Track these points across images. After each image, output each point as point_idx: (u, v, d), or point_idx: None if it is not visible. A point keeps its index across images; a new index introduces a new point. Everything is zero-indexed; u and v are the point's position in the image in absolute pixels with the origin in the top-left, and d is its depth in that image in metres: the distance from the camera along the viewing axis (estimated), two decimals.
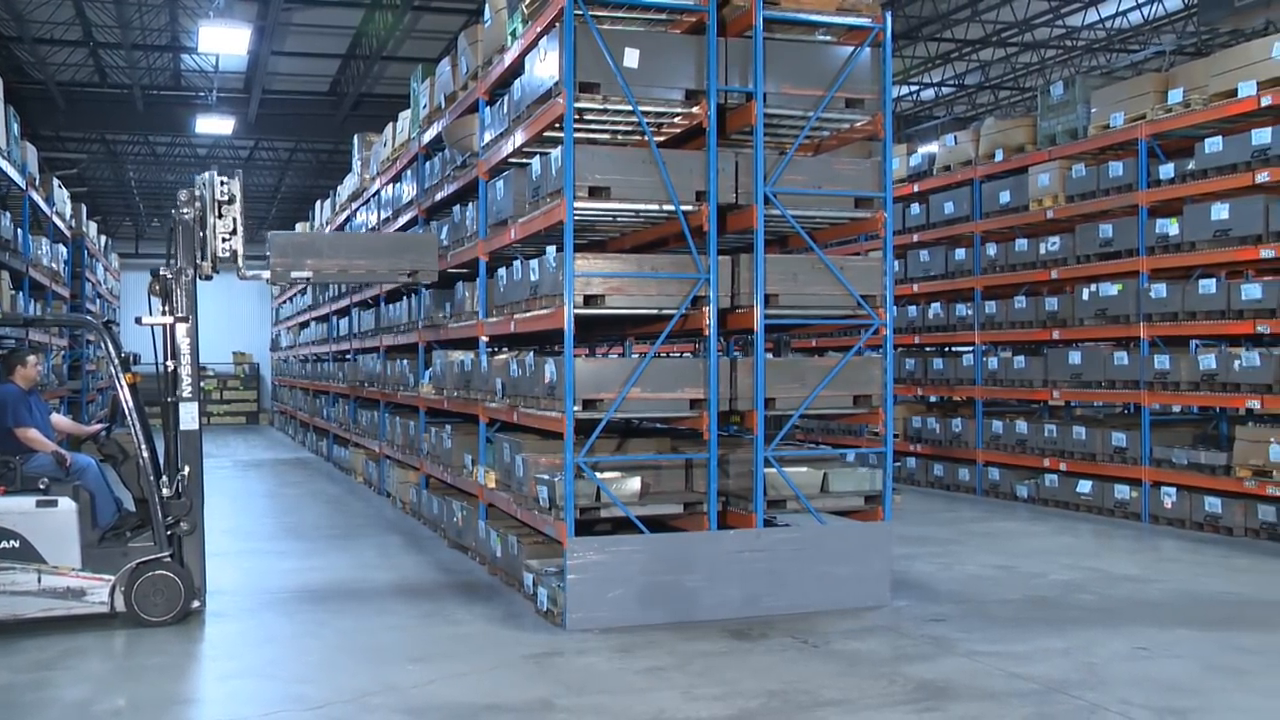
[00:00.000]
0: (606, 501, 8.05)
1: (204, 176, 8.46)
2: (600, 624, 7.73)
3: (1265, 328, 11.14)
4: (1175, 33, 22.75)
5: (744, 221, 8.40)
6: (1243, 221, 11.36)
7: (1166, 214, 12.42)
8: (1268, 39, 11.49)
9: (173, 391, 8.17)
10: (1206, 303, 11.77)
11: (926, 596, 8.80)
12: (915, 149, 17.35)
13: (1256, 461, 11.12)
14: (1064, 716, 5.93)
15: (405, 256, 9.01)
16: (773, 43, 8.42)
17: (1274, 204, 11.11)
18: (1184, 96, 12.21)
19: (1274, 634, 7.67)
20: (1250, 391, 11.26)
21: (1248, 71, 11.37)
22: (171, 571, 7.98)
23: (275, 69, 22.58)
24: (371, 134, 16.99)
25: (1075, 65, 24.98)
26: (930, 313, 16.29)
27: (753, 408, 8.27)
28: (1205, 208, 11.79)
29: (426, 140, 12.63)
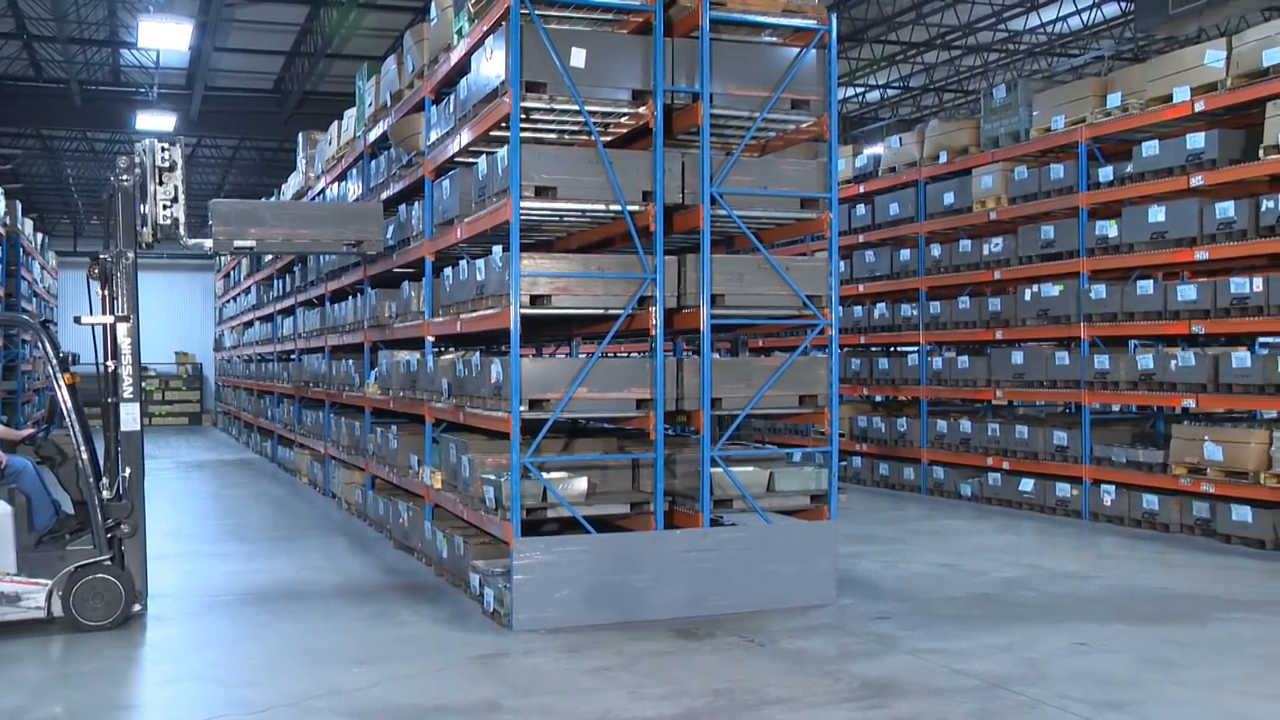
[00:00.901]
0: (553, 501, 8.04)
1: (144, 144, 8.33)
2: (547, 624, 7.72)
3: (1200, 328, 11.36)
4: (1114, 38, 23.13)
5: (690, 222, 8.42)
6: (1178, 224, 11.57)
7: (1106, 216, 12.62)
8: (1200, 46, 11.71)
9: (114, 392, 8.04)
10: (1144, 303, 11.97)
11: (872, 595, 8.87)
12: (861, 150, 17.49)
13: (1191, 459, 11.32)
14: (1005, 712, 6.00)
15: (350, 226, 8.91)
16: (719, 43, 8.45)
17: (1208, 207, 11.32)
18: (1122, 101, 12.41)
19: (1206, 628, 7.82)
20: (1186, 391, 11.47)
21: (1182, 77, 11.58)
22: (112, 575, 7.85)
23: (218, 65, 22.32)
24: (316, 132, 16.83)
25: (1017, 69, 25.32)
26: (876, 313, 16.43)
27: (699, 407, 8.29)
28: (1143, 210, 11.99)
29: (372, 139, 12.54)
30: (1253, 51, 10.90)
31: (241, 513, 14.21)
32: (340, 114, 14.51)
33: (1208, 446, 11.15)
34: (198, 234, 8.66)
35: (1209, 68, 11.31)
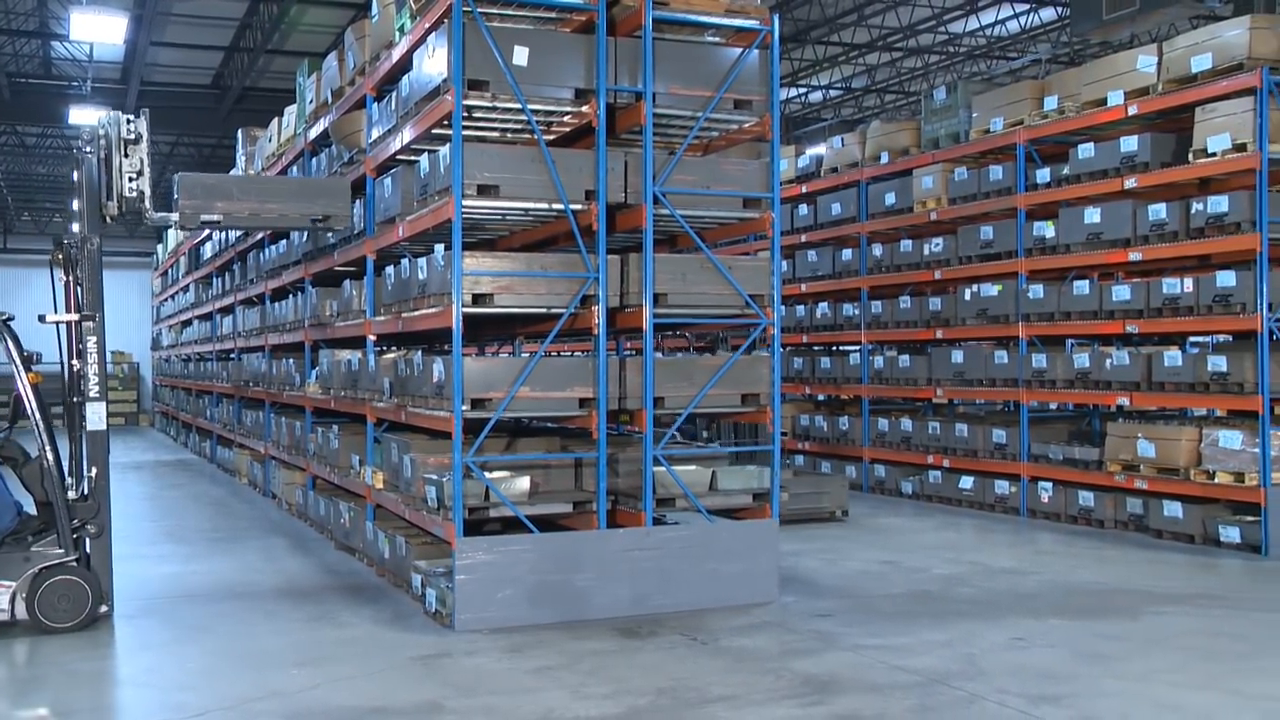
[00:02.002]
0: (495, 501, 8.02)
1: (107, 115, 8.19)
2: (490, 624, 7.69)
3: (1134, 328, 11.57)
4: (1050, 42, 23.47)
5: (633, 221, 8.43)
6: (1113, 225, 11.77)
7: (1043, 217, 12.80)
8: (1133, 51, 11.92)
9: (79, 391, 7.93)
10: (1080, 303, 12.16)
11: (813, 592, 8.93)
12: (803, 150, 17.61)
13: (1126, 456, 11.53)
14: (944, 707, 6.07)
15: (317, 201, 8.81)
16: (662, 43, 8.47)
17: (1141, 209, 11.53)
18: (1059, 104, 12.60)
19: (1138, 621, 7.96)
20: (1120, 389, 11.68)
21: (1116, 81, 11.77)
22: (78, 576, 7.74)
23: (155, 60, 21.97)
24: (256, 129, 16.63)
25: (957, 71, 25.61)
26: (818, 312, 16.54)
27: (642, 406, 8.31)
28: (1079, 211, 12.18)
29: (313, 136, 12.42)
30: (1182, 58, 11.12)
31: (179, 514, 14.02)
32: (281, 110, 14.35)
33: (1141, 444, 11.36)
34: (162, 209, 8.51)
35: (1141, 72, 11.52)
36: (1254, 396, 10.36)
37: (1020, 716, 5.89)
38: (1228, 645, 7.33)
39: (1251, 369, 10.47)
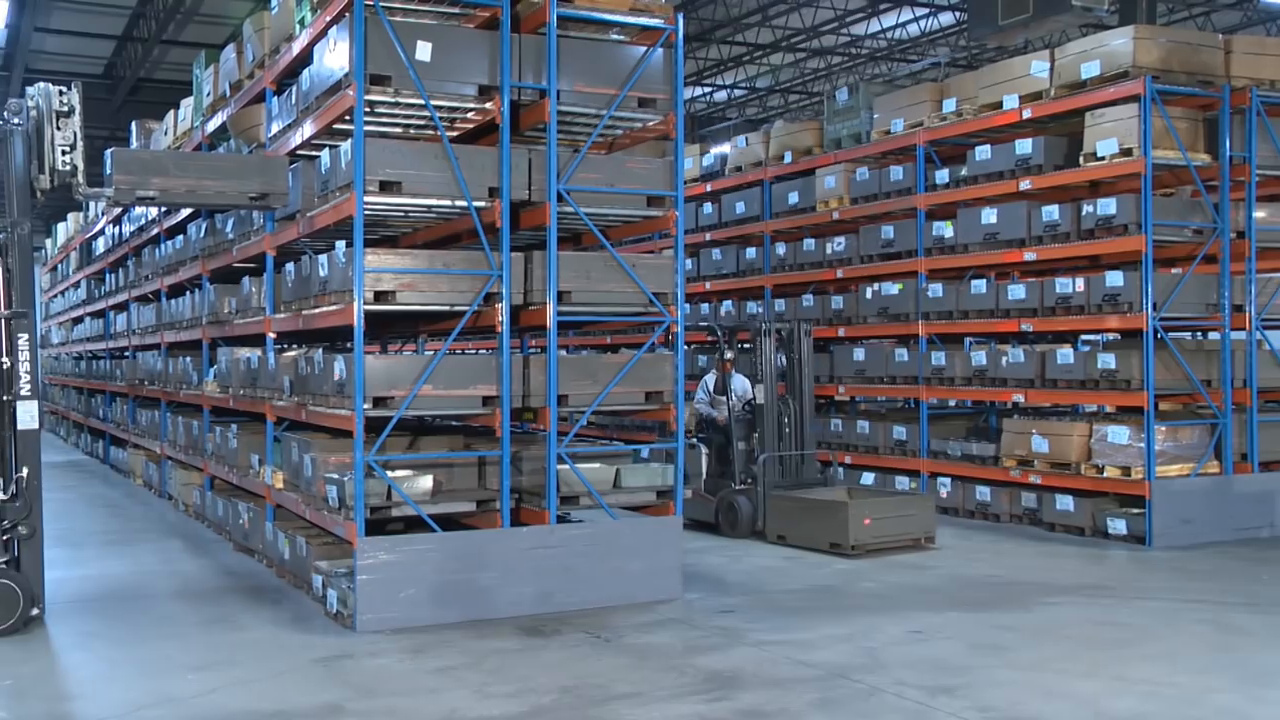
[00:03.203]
0: (398, 500, 7.94)
1: (36, 87, 7.91)
2: (392, 625, 7.62)
3: (1028, 326, 11.87)
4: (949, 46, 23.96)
5: (537, 218, 8.42)
6: (1009, 226, 12.05)
7: (942, 217, 13.05)
8: (1027, 56, 12.22)
9: (9, 389, 7.66)
10: (978, 302, 12.43)
11: (717, 589, 9.01)
12: (708, 149, 17.71)
13: (1020, 452, 11.82)
14: (845, 700, 6.17)
15: (255, 179, 8.61)
16: (567, 40, 8.46)
17: (1035, 210, 11.82)
18: (957, 106, 12.86)
19: (1031, 612, 8.18)
20: (1016, 386, 11.97)
21: (1011, 85, 12.06)
22: (9, 579, 7.52)
23: (41, 47, 21.32)
24: (151, 121, 16.22)
25: (859, 72, 26.00)
26: (722, 310, 16.66)
27: (546, 404, 8.29)
28: (976, 212, 12.45)
29: (211, 130, 12.15)
30: (1073, 64, 11.43)
31: (70, 516, 13.61)
32: (177, 103, 14.02)
33: (1035, 439, 11.66)
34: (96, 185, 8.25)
35: (1035, 77, 11.81)
36: (1140, 393, 10.69)
37: (917, 708, 6.01)
38: (1113, 634, 7.56)
39: (1138, 366, 10.80)
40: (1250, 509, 11.15)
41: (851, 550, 10.18)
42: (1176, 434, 10.96)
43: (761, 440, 11.42)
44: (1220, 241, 11.19)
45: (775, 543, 10.86)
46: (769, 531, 11.02)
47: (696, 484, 11.17)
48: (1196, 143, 11.21)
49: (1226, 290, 11.22)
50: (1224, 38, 11.69)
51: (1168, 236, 11.05)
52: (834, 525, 10.39)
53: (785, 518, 10.97)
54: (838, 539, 10.30)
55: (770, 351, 11.33)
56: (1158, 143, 10.76)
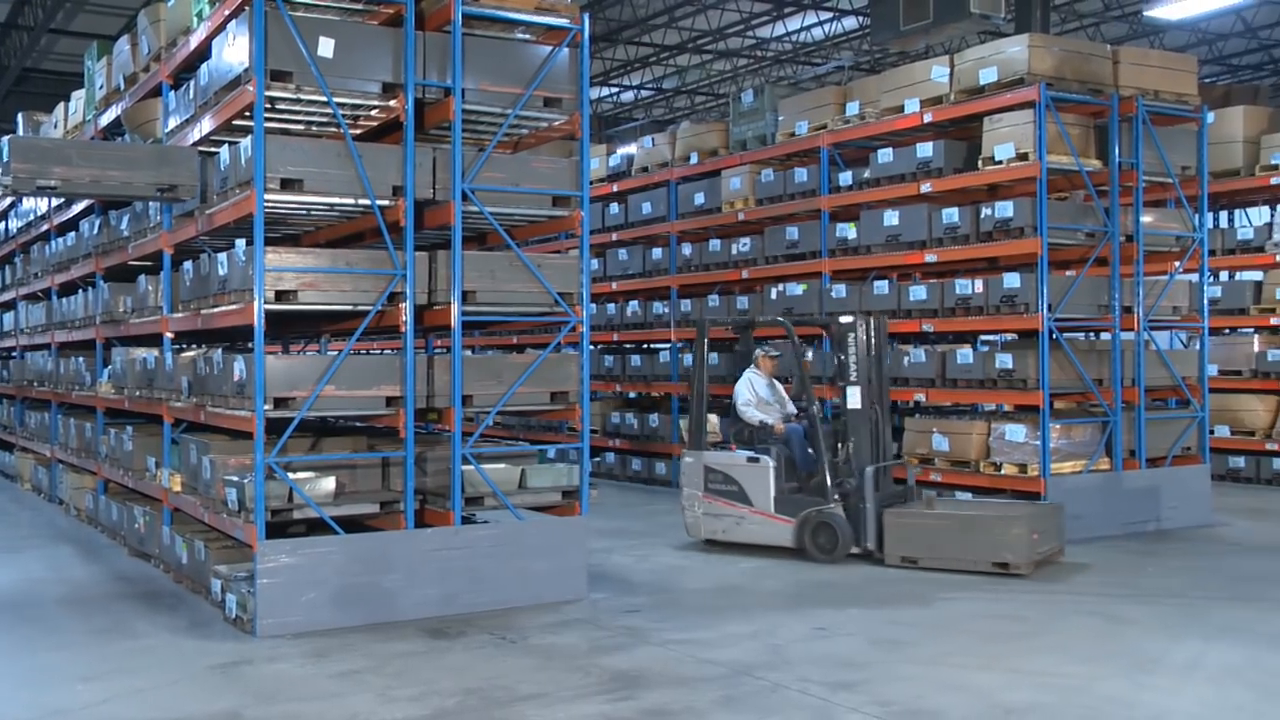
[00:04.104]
0: (300, 502, 7.82)
1: None
2: (293, 629, 7.50)
3: (929, 326, 12.09)
4: (853, 50, 24.30)
5: (442, 218, 8.35)
6: (910, 228, 12.27)
7: (846, 219, 13.23)
8: (928, 61, 12.45)
9: None
10: (880, 303, 12.62)
11: (623, 588, 9.02)
12: (615, 150, 17.74)
13: (922, 450, 12.04)
14: (749, 697, 6.23)
15: (164, 170, 8.37)
16: (472, 39, 8.40)
17: (936, 213, 12.06)
18: (860, 109, 13.05)
19: (930, 608, 8.33)
20: (918, 385, 12.18)
21: (913, 90, 12.28)
22: None
23: None
24: (39, 113, 15.72)
25: (765, 75, 26.24)
26: (628, 310, 16.69)
27: (450, 405, 8.23)
28: (879, 214, 12.65)
29: (104, 123, 11.83)
30: (971, 70, 11.68)
31: None
32: (67, 95, 13.62)
33: (936, 438, 11.88)
34: None
35: (935, 82, 12.04)
36: (1036, 392, 10.96)
37: (820, 703, 6.09)
38: (1009, 627, 7.75)
39: (1034, 366, 11.06)
40: (1138, 504, 11.50)
41: (1020, 570, 9.16)
42: (1070, 432, 11.26)
43: (857, 450, 9.94)
44: (1111, 245, 11.52)
45: (901, 566, 9.52)
46: (888, 554, 9.62)
47: (763, 503, 10.13)
48: (1088, 149, 11.53)
49: (1116, 292, 11.56)
50: (1112, 48, 12.03)
51: (1062, 239, 11.35)
52: (1001, 542, 9.28)
53: (915, 537, 9.58)
54: (1006, 558, 9.21)
55: (863, 349, 9.99)
56: (1052, 148, 11.05)
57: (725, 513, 10.29)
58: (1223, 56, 25.17)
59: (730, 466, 10.31)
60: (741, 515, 10.19)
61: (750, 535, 10.18)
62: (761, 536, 10.15)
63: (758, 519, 10.16)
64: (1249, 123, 14.55)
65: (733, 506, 10.25)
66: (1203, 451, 12.42)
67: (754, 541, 10.17)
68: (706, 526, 10.42)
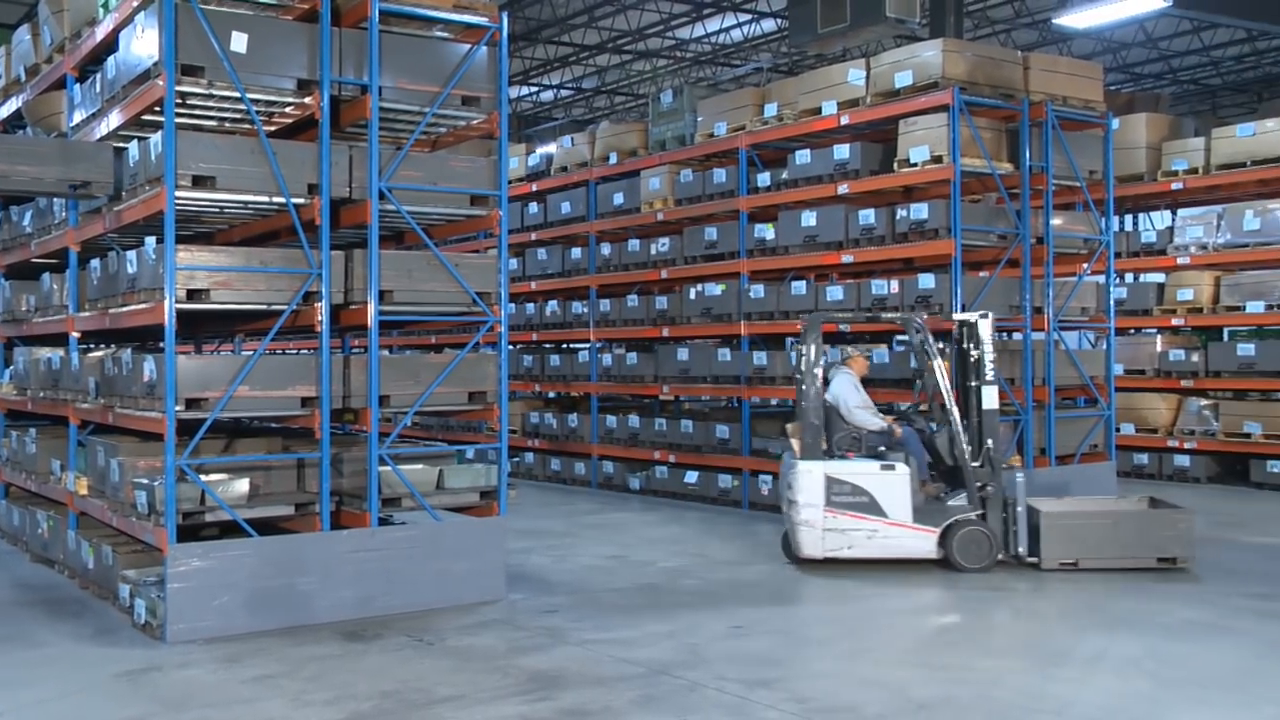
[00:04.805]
0: (212, 505, 7.68)
1: None
2: (205, 634, 7.36)
3: (845, 327, 12.23)
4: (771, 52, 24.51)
5: (358, 216, 8.26)
6: (828, 229, 12.40)
7: (764, 219, 13.34)
8: (845, 64, 12.61)
9: None
10: (798, 303, 12.74)
11: (542, 589, 9.00)
12: (534, 149, 17.69)
13: None
14: (666, 696, 6.25)
15: (78, 166, 8.12)
16: (389, 36, 8.32)
17: (852, 214, 12.21)
18: (778, 111, 13.17)
19: (847, 605, 8.44)
20: None
21: (830, 92, 12.42)
22: None
23: None
24: None
25: (684, 75, 26.35)
26: (547, 310, 16.66)
27: (367, 405, 8.15)
28: (796, 215, 12.77)
29: (3, 115, 11.50)
30: (887, 73, 11.85)
31: None
32: None
33: None
34: None
35: (852, 85, 12.20)
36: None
37: (737, 701, 6.13)
38: (924, 622, 7.89)
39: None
40: None
41: (1185, 564, 9.26)
42: None
43: (997, 451, 9.62)
44: (1022, 247, 11.76)
45: (1061, 570, 9.29)
46: (1045, 558, 9.32)
47: (901, 514, 9.46)
48: (1000, 152, 11.75)
49: (1027, 293, 11.80)
50: (1023, 54, 12.29)
51: (975, 241, 11.56)
52: (1165, 538, 9.33)
53: (1075, 538, 9.38)
54: (1173, 552, 9.27)
55: (986, 348, 9.68)
56: (965, 151, 11.25)
57: (854, 527, 9.42)
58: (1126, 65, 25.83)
59: (859, 476, 9.48)
60: (874, 528, 9.41)
61: (885, 549, 9.45)
62: (899, 550, 9.47)
63: (896, 531, 9.42)
64: (1151, 130, 14.96)
65: (863, 519, 9.43)
66: (1109, 449, 12.75)
67: (888, 556, 9.46)
68: (829, 543, 9.44)
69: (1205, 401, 14.76)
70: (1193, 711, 5.99)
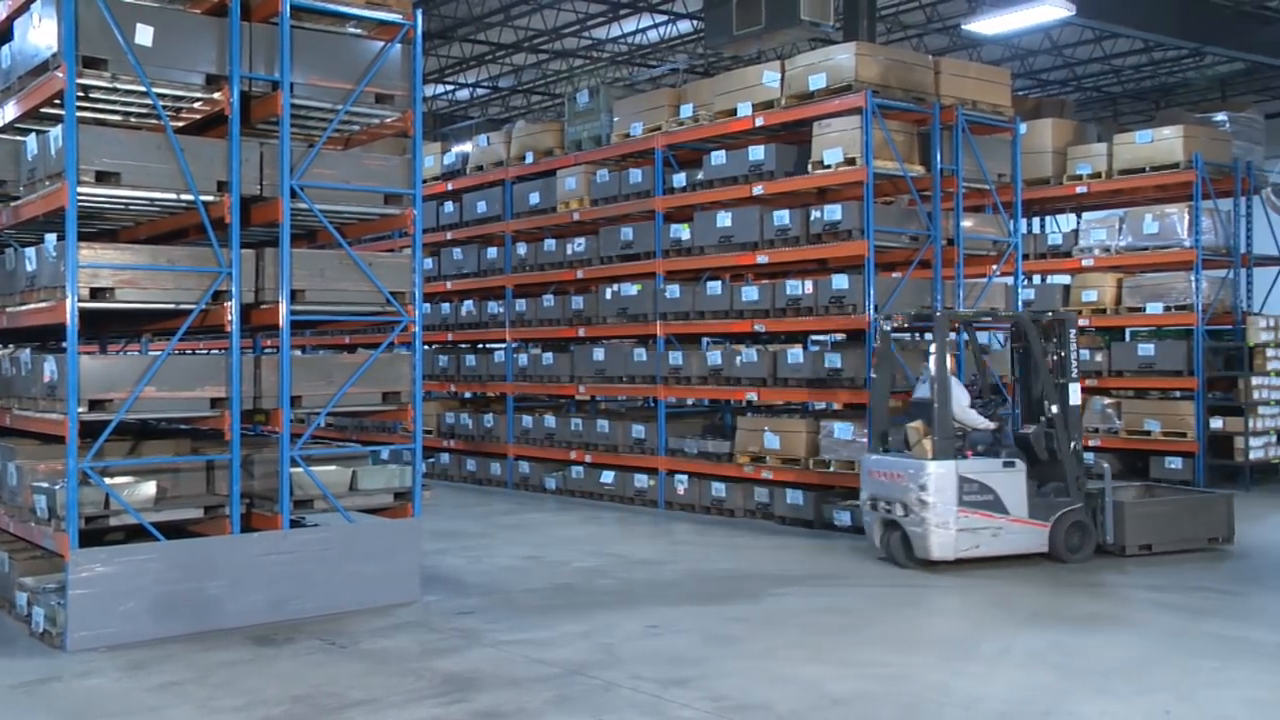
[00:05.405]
0: (117, 509, 7.50)
1: None
2: (109, 641, 7.19)
3: (761, 326, 12.35)
4: (688, 53, 24.61)
5: (269, 214, 8.13)
6: (743, 229, 12.49)
7: (680, 220, 13.40)
8: (760, 66, 12.73)
9: None
10: (714, 303, 12.83)
11: (457, 590, 8.94)
12: (450, 148, 17.58)
13: (753, 449, 12.27)
14: (581, 696, 6.24)
15: None
16: (301, 31, 8.19)
17: (767, 215, 12.31)
18: (694, 112, 13.23)
19: (762, 603, 8.51)
20: (749, 385, 12.42)
21: (745, 94, 12.52)
22: None
23: None
24: None
25: (600, 75, 26.36)
26: (463, 310, 16.56)
27: (279, 406, 8.02)
28: (712, 215, 12.85)
29: None
30: (801, 76, 11.97)
31: None
32: None
33: (767, 436, 12.13)
34: None
35: (767, 87, 12.30)
36: (863, 391, 11.28)
37: (652, 700, 6.15)
38: (836, 620, 7.97)
39: (861, 365, 11.40)
40: None
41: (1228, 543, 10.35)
42: None
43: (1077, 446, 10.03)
44: (933, 248, 11.95)
45: (1138, 554, 9.95)
46: (1129, 543, 9.93)
47: (1019, 510, 9.60)
48: (912, 155, 11.94)
49: (939, 294, 12.00)
50: (934, 59, 12.50)
51: (888, 242, 11.72)
52: (1214, 521, 10.37)
53: (1150, 525, 10.12)
54: (1218, 533, 10.34)
55: (1072, 346, 10.00)
56: (878, 154, 11.40)
57: (982, 525, 9.48)
58: (1033, 71, 26.39)
59: (986, 474, 9.54)
60: (1000, 525, 9.50)
61: (1006, 546, 9.55)
62: (1017, 545, 9.61)
63: (1016, 527, 9.57)
64: (1057, 134, 15.31)
65: (990, 517, 9.49)
66: None
67: (1007, 552, 9.56)
68: (961, 544, 9.40)
69: (1108, 400, 15.15)
70: (1093, 701, 6.14)
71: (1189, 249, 14.03)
